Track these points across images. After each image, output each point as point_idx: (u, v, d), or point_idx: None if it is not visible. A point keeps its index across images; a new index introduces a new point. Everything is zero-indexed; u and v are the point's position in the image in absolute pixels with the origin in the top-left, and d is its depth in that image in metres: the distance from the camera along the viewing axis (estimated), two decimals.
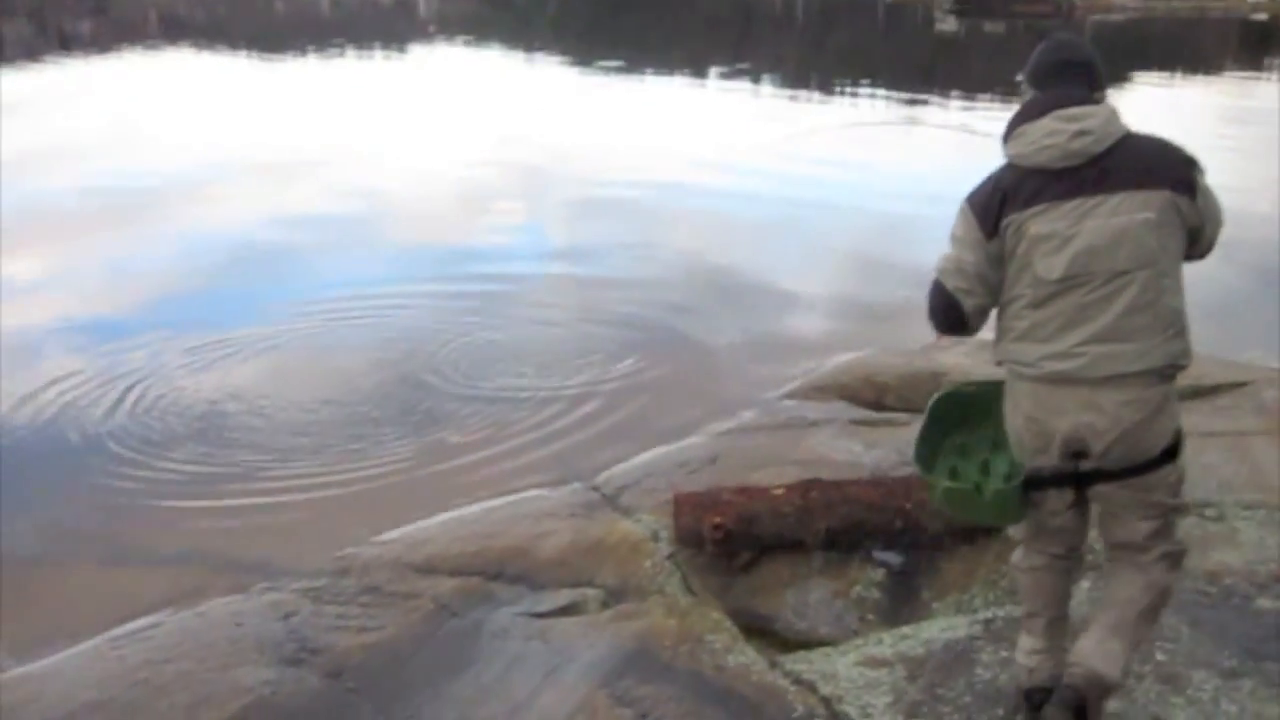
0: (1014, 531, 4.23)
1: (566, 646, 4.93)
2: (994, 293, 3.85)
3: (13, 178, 16.71)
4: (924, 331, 8.61)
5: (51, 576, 6.33)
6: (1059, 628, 4.20)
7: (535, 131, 21.43)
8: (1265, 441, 6.65)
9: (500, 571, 5.68)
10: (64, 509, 7.00)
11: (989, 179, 3.86)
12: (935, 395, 4.43)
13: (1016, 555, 4.23)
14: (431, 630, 5.18)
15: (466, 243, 13.62)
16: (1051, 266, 3.67)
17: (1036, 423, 3.82)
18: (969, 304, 3.86)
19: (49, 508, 7.01)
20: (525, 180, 17.23)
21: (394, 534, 6.24)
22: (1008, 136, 3.85)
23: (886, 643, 4.87)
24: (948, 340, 8.04)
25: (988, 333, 4.05)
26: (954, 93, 28.07)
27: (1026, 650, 4.19)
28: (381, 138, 20.94)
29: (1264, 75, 34.97)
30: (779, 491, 5.62)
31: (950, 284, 3.87)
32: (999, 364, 3.95)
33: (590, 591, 5.46)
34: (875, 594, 5.37)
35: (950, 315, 3.92)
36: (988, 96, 26.25)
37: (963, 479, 4.12)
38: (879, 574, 5.45)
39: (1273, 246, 12.15)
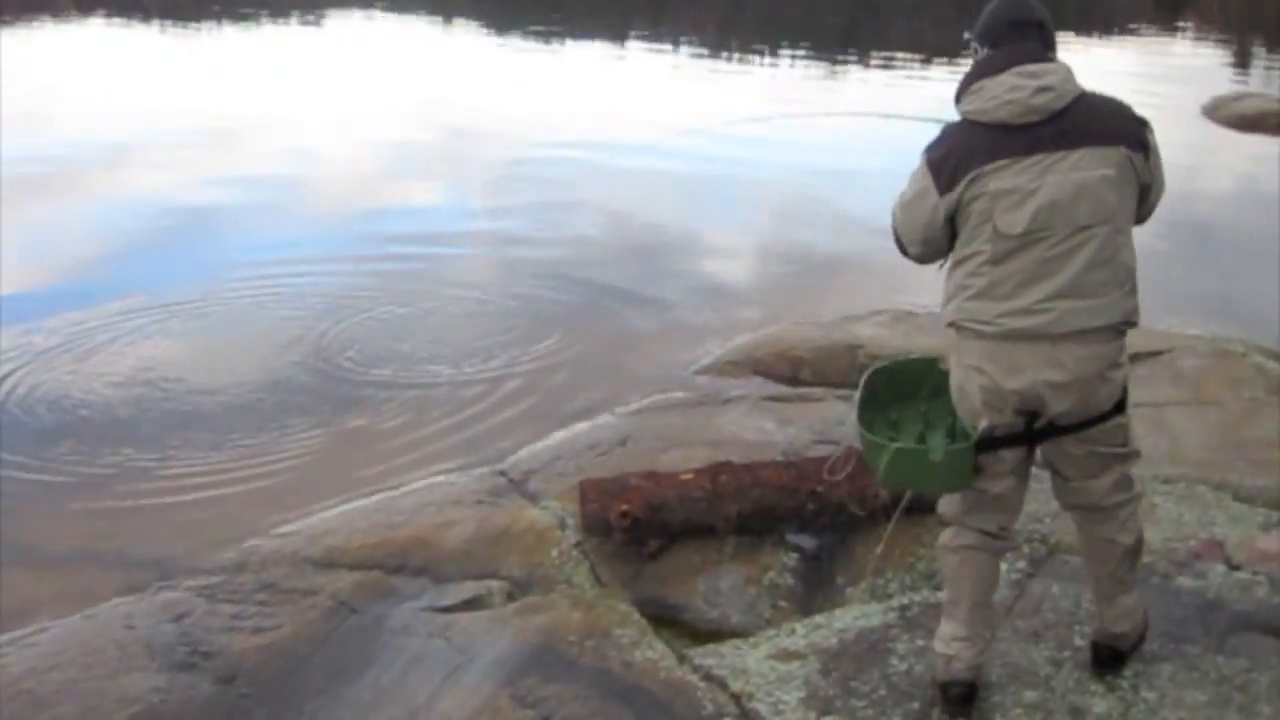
0: (944, 509, 4.12)
1: (469, 644, 4.74)
2: (939, 247, 3.89)
3: None
4: (842, 303, 8.55)
5: None
6: (983, 614, 4.12)
7: (457, 98, 21.12)
8: (1182, 412, 6.58)
9: (402, 564, 5.49)
10: None
11: (945, 134, 3.86)
12: (869, 369, 4.41)
13: (945, 536, 4.13)
14: (330, 629, 4.98)
15: (387, 209, 13.32)
16: (1014, 221, 3.64)
17: (991, 381, 3.77)
18: (913, 252, 3.97)
19: None
20: (448, 147, 16.93)
21: (293, 526, 6.02)
22: (963, 93, 3.81)
23: (799, 633, 4.73)
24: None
25: (906, 303, 3.99)
26: (874, 54, 28.01)
27: (947, 638, 4.10)
28: (301, 106, 20.47)
29: (1179, 35, 35.19)
30: (688, 476, 5.46)
31: (899, 230, 3.95)
32: (949, 325, 3.90)
33: (495, 584, 5.28)
34: (788, 580, 5.22)
35: (902, 252, 4.04)
36: (908, 57, 26.23)
37: None
38: (792, 559, 5.30)
39: (1190, 207, 12.15)
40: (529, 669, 4.53)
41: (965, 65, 3.95)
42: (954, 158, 3.73)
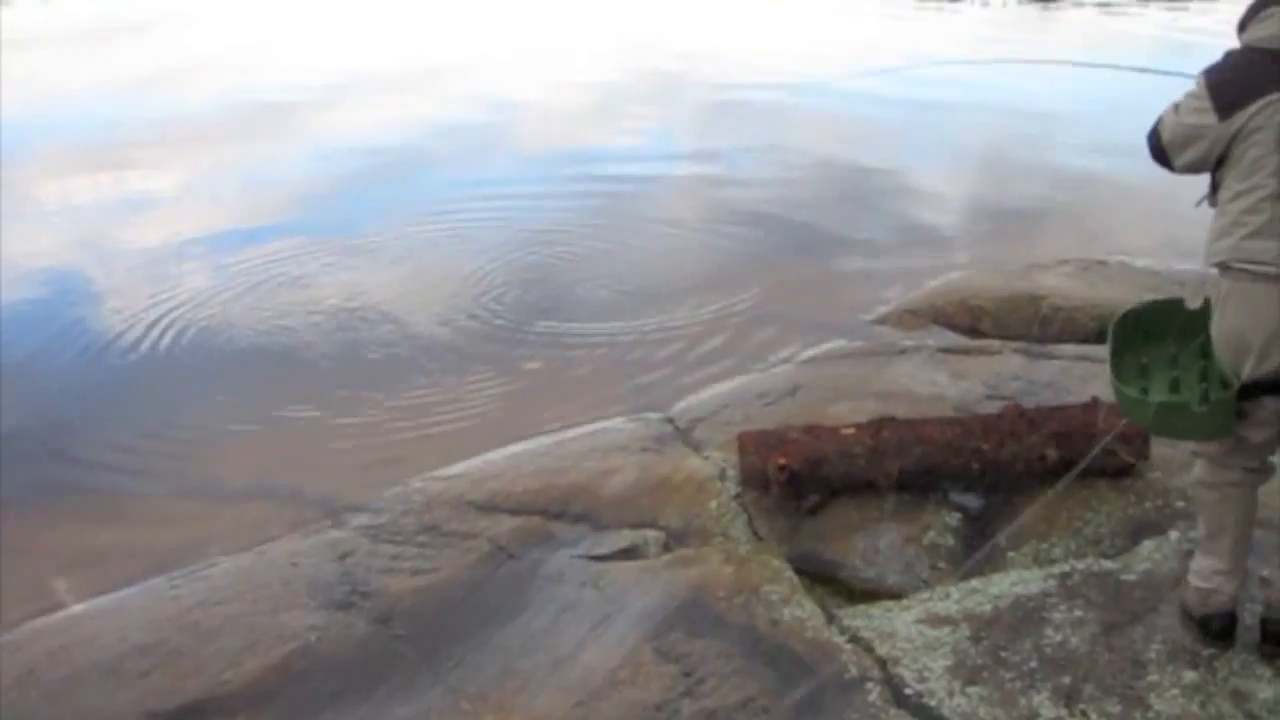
0: (1201, 448, 4.03)
1: (619, 595, 4.76)
2: (1205, 165, 3.78)
3: (148, 94, 16.94)
4: (1028, 251, 8.30)
5: (125, 506, 6.30)
6: (1243, 548, 4.07)
7: (654, 38, 21.07)
8: None
9: (563, 510, 5.53)
10: (139, 436, 6.97)
11: (1227, 59, 3.74)
12: (1115, 318, 4.35)
13: (1202, 472, 4.06)
14: (486, 574, 5.05)
15: (587, 149, 13.47)
16: None
17: (1266, 325, 3.64)
18: (1178, 164, 3.86)
19: (125, 433, 6.99)
20: (646, 87, 17.05)
21: (460, 468, 6.11)
22: (1250, 19, 3.69)
23: (953, 598, 4.61)
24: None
25: (1092, 253, 3.87)
26: None
27: (1207, 572, 4.06)
28: (507, 48, 20.71)
29: None
30: (849, 431, 5.35)
31: (1165, 143, 3.84)
32: (1216, 265, 3.78)
33: (651, 533, 5.27)
34: (949, 540, 5.09)
35: (1158, 160, 3.94)
36: None
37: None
38: (954, 519, 5.17)
39: None
40: (675, 623, 4.52)
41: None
42: (1237, 85, 3.61)
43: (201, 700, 4.45)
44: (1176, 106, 3.80)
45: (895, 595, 4.81)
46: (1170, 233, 8.79)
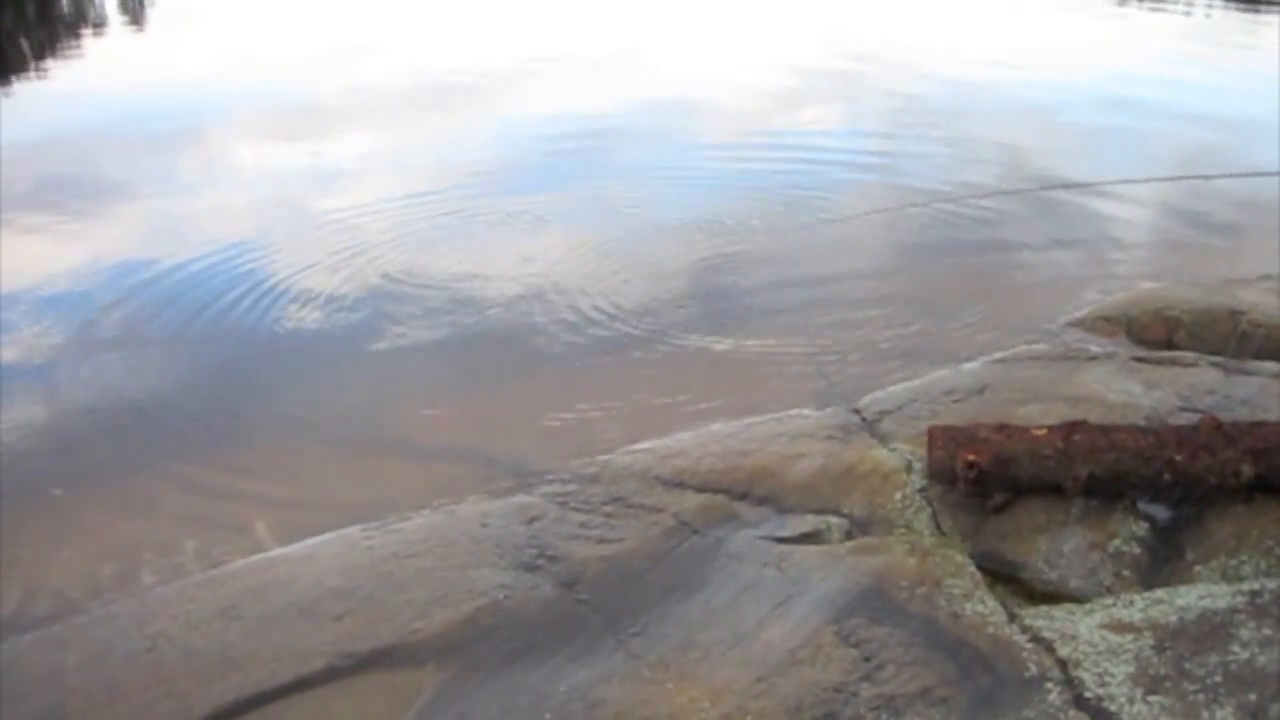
0: None
1: (801, 577, 4.83)
2: None
3: (332, 68, 17.44)
4: (1230, 265, 8.17)
5: (321, 457, 6.57)
6: None
7: (852, 24, 20.98)
8: None
9: (747, 491, 5.61)
10: (338, 390, 7.24)
11: None
12: None
13: None
14: (670, 547, 5.16)
15: (771, 135, 13.49)
16: None
17: None
18: None
19: (326, 388, 7.27)
20: (842, 73, 16.95)
21: (648, 444, 6.23)
22: None
23: (1137, 605, 4.60)
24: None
25: None
26: None
27: None
28: (697, 32, 20.83)
29: None
30: (1040, 432, 5.34)
31: None
32: None
33: (834, 520, 5.34)
34: (1135, 549, 5.06)
35: None
36: None
37: None
38: (1141, 528, 5.13)
39: None
40: (856, 609, 4.58)
41: None
42: None
43: (393, 646, 4.65)
44: None
45: (1077, 599, 4.81)
46: None
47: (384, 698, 4.42)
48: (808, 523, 5.32)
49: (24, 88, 18.75)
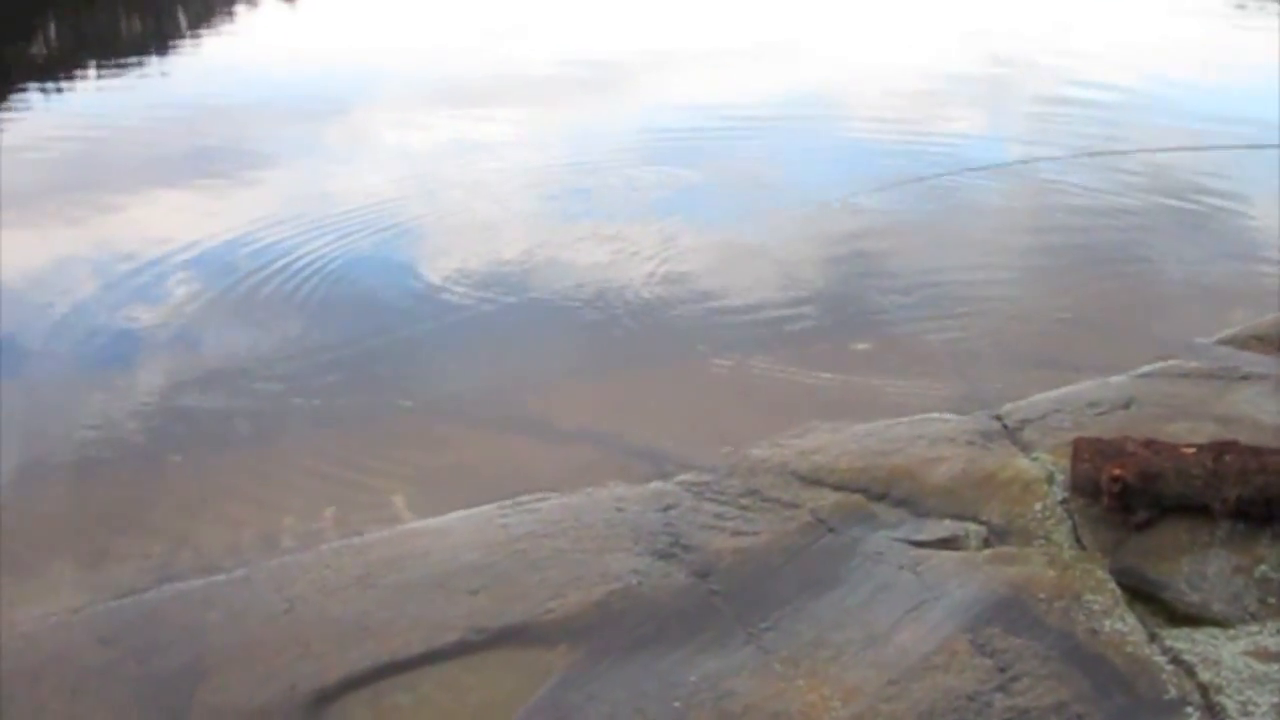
0: None
1: (937, 583, 4.80)
2: None
3: (481, 51, 17.68)
4: None
5: (460, 433, 6.65)
6: None
7: (997, 27, 20.69)
8: None
9: (885, 492, 5.58)
10: (479, 367, 7.34)
11: None
12: None
13: None
14: (805, 543, 5.15)
15: (920, 136, 13.32)
16: None
17: None
18: None
19: (467, 364, 7.37)
20: (989, 78, 16.67)
21: (786, 439, 6.21)
22: None
23: None
24: None
25: None
26: None
27: None
28: (835, 30, 20.71)
29: None
30: (1189, 451, 5.24)
31: None
32: None
33: (973, 526, 5.28)
34: None
35: None
36: None
37: None
38: None
39: None
40: (993, 618, 4.54)
41: None
42: None
43: (526, 624, 4.70)
44: None
45: (1219, 624, 4.71)
46: None
47: (514, 674, 4.47)
48: (945, 528, 5.27)
49: (180, 59, 19.26)
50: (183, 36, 21.47)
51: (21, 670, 4.66)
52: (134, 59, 19.23)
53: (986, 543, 5.19)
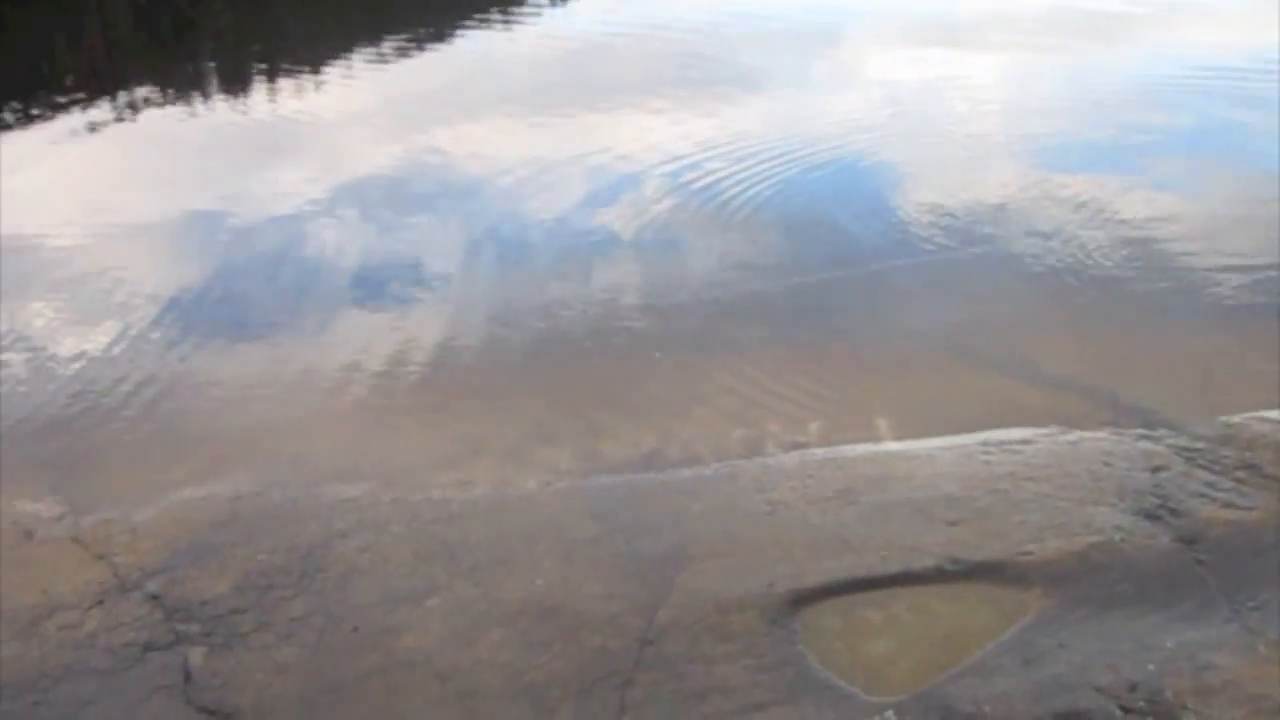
0: None
1: None
2: None
3: None
4: None
5: (946, 367, 6.65)
6: None
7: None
8: None
9: None
10: (971, 304, 7.33)
11: None
12: None
13: None
14: None
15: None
16: None
17: None
18: None
19: (956, 302, 7.37)
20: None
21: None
22: None
23: None
24: None
25: None
26: None
27: None
28: None
29: None
30: None
31: None
32: None
33: None
34: None
35: None
36: None
37: None
38: None
39: None
40: None
41: None
42: None
43: (1002, 562, 4.74)
44: None
45: None
46: None
47: (987, 609, 4.52)
48: None
49: None
50: None
51: (519, 531, 5.04)
52: None
53: None
